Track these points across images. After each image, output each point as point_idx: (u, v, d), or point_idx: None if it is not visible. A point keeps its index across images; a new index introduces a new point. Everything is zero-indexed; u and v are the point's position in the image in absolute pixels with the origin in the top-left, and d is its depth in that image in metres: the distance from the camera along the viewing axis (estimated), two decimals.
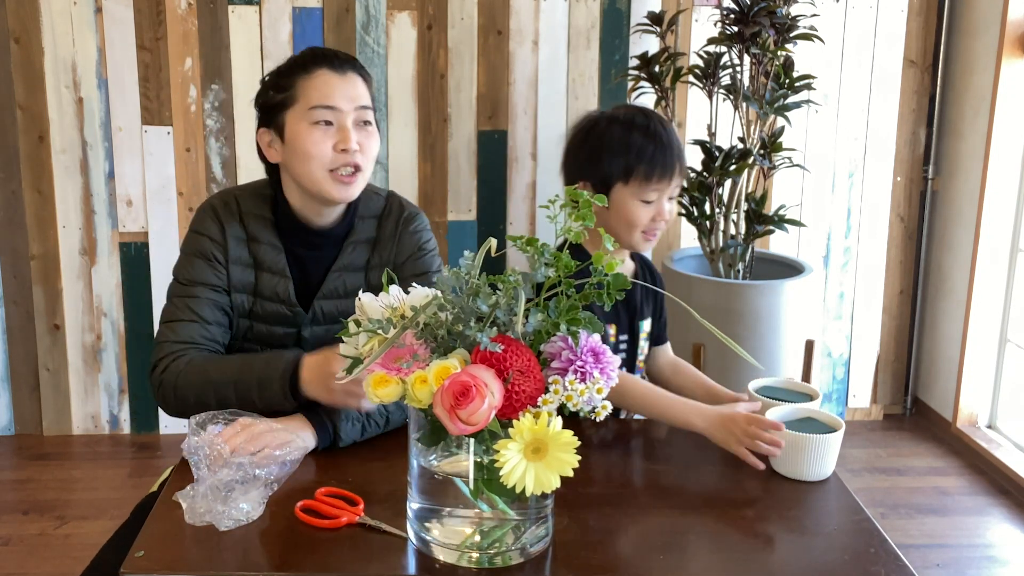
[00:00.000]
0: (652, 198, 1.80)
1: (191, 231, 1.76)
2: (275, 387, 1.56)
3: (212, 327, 1.71)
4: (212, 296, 1.71)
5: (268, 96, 1.72)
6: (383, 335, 1.19)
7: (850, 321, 3.60)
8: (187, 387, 1.62)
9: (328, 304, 1.76)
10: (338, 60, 1.71)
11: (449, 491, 1.24)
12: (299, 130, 1.67)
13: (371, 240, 1.80)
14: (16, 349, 3.34)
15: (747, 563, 1.29)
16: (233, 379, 1.59)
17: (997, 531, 2.89)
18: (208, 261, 1.72)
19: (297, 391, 1.56)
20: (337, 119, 1.68)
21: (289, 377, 1.55)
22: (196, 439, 1.38)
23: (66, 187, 3.23)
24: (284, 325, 1.76)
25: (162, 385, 1.65)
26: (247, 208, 1.76)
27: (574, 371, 1.16)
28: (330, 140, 1.67)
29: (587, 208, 1.24)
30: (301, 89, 1.68)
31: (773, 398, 1.65)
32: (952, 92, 3.48)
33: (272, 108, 1.71)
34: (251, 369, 1.59)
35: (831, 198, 3.50)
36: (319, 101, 1.67)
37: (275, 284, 1.74)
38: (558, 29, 3.28)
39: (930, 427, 3.59)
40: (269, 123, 1.73)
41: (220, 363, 1.65)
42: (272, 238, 1.75)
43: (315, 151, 1.66)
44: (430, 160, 3.32)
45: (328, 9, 3.18)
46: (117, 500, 2.93)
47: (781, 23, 2.80)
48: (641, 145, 1.80)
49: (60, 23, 3.12)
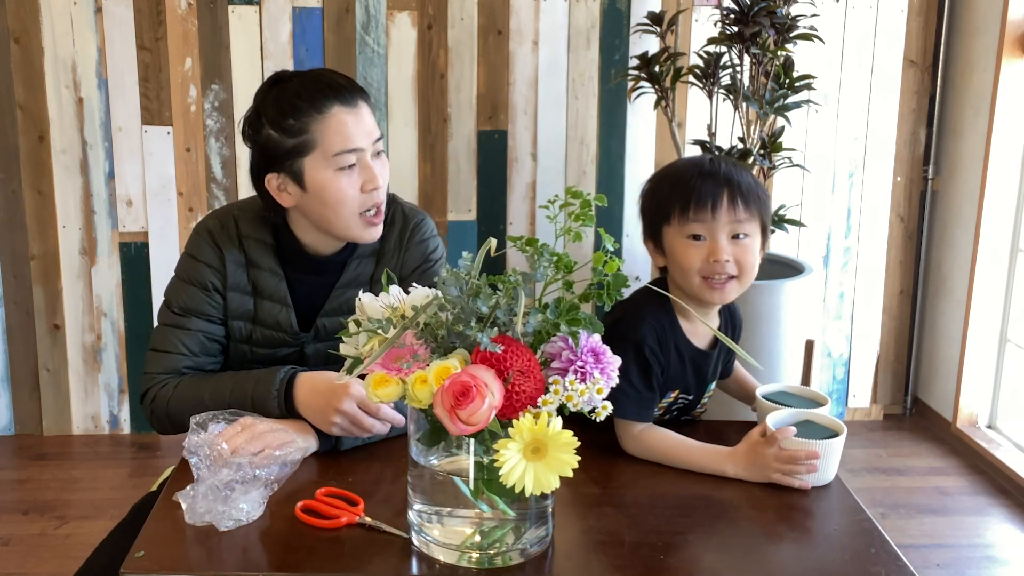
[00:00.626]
0: (698, 231, 1.59)
1: (187, 255, 1.70)
2: (271, 408, 1.54)
3: (200, 358, 1.67)
4: (204, 327, 1.67)
5: (272, 138, 1.60)
6: (383, 335, 1.19)
7: (850, 321, 3.60)
8: (180, 409, 1.59)
9: (331, 321, 1.71)
10: (347, 93, 1.60)
11: (449, 491, 1.23)
12: (324, 178, 1.59)
13: (375, 251, 1.75)
14: (16, 349, 3.34)
15: (747, 563, 1.29)
16: (227, 400, 1.56)
17: (997, 531, 2.89)
18: (205, 291, 1.67)
19: (293, 409, 1.54)
20: (359, 159, 1.61)
21: (284, 398, 1.54)
22: (196, 439, 1.38)
23: (66, 187, 3.23)
24: (285, 347, 1.73)
25: (154, 413, 1.64)
26: (247, 231, 1.69)
27: (574, 371, 1.16)
28: (356, 182, 1.61)
29: (587, 209, 1.24)
30: (318, 133, 1.57)
31: (781, 403, 1.60)
32: (952, 92, 3.48)
33: (286, 154, 1.59)
34: (242, 387, 1.57)
35: (831, 198, 3.50)
36: (342, 147, 1.58)
37: (276, 312, 1.70)
38: (558, 29, 3.28)
39: (930, 427, 3.59)
40: (279, 168, 1.61)
41: (213, 382, 1.62)
42: (273, 264, 1.70)
43: (346, 198, 1.60)
44: (430, 160, 3.32)
45: (328, 9, 3.19)
46: (117, 500, 2.92)
47: (781, 23, 2.80)
48: (684, 178, 1.62)
49: (60, 23, 3.12)
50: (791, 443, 1.46)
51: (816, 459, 1.46)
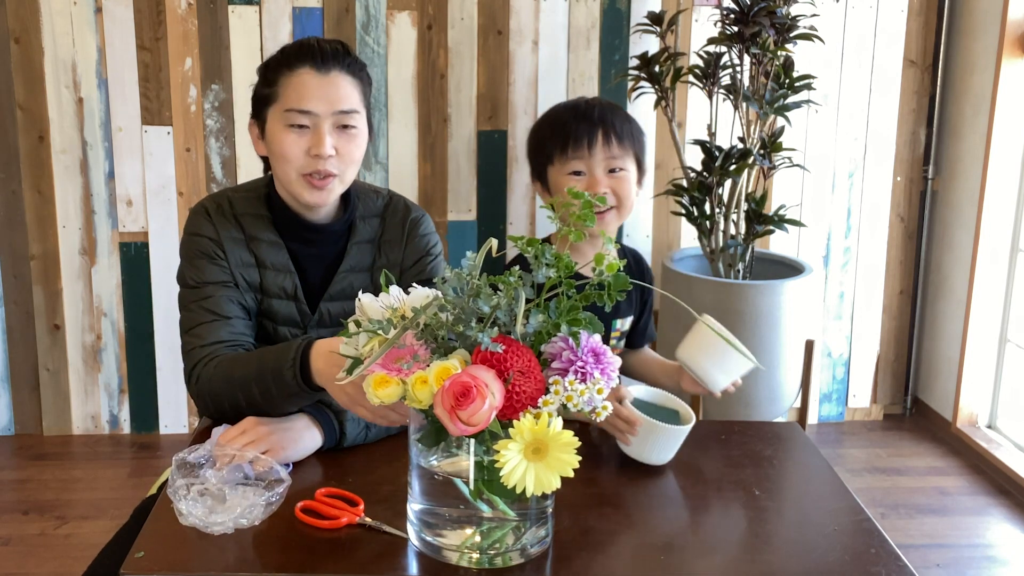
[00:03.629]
0: (578, 168, 1.79)
1: (187, 234, 1.72)
2: (287, 377, 1.47)
3: (235, 321, 1.66)
4: (225, 292, 1.67)
5: (256, 86, 1.70)
6: (383, 336, 1.19)
7: (850, 321, 3.60)
8: (218, 394, 1.57)
9: (335, 306, 1.74)
10: (323, 57, 1.64)
11: (450, 492, 1.23)
12: (275, 130, 1.65)
13: (375, 240, 1.77)
14: (16, 349, 3.34)
15: (747, 563, 1.29)
16: (253, 376, 1.52)
17: (997, 531, 2.89)
18: (212, 259, 1.68)
19: (309, 378, 1.47)
20: (313, 123, 1.63)
21: (299, 364, 1.46)
22: (180, 480, 1.35)
23: (66, 187, 3.23)
24: (291, 326, 1.73)
25: (199, 396, 1.60)
26: (242, 209, 1.72)
27: (575, 371, 1.16)
28: (304, 144, 1.63)
29: (588, 209, 1.24)
30: (282, 87, 1.64)
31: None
32: (952, 92, 3.48)
33: (259, 101, 1.69)
34: (265, 362, 1.51)
35: (831, 198, 3.50)
36: (294, 104, 1.62)
37: (281, 280, 1.71)
38: (558, 29, 3.28)
39: (930, 427, 3.59)
40: (256, 115, 1.71)
41: (241, 362, 1.57)
42: (271, 235, 1.72)
43: (288, 154, 1.63)
44: (430, 160, 3.32)
45: (328, 9, 3.18)
46: (117, 500, 2.92)
47: (781, 23, 2.80)
48: (561, 121, 1.82)
49: (60, 23, 3.12)
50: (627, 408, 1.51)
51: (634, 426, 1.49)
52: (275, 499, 1.34)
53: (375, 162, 3.29)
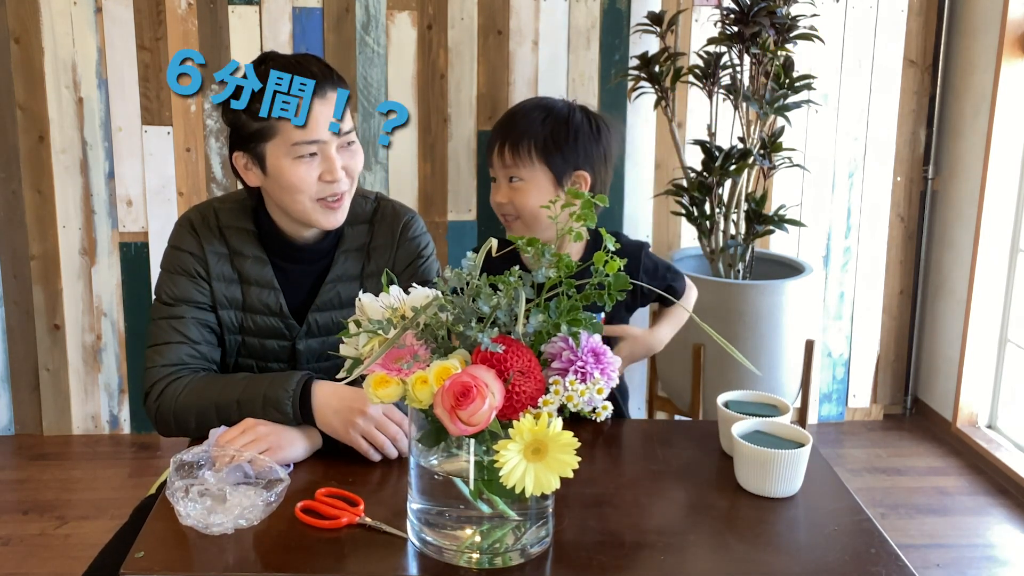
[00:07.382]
0: (492, 174, 1.84)
1: (170, 247, 1.70)
2: (284, 408, 1.51)
3: (201, 346, 1.65)
4: (197, 314, 1.66)
5: (240, 118, 1.61)
6: (383, 336, 1.19)
7: (850, 321, 3.60)
8: (187, 410, 1.57)
9: (323, 316, 1.72)
10: (319, 81, 1.58)
11: (449, 492, 1.23)
12: (282, 165, 1.59)
13: (363, 247, 1.75)
14: (16, 349, 3.34)
15: (747, 563, 1.29)
16: (236, 398, 1.54)
17: (997, 531, 2.89)
18: (191, 278, 1.67)
19: (308, 412, 1.51)
20: (320, 149, 1.60)
21: (299, 397, 1.51)
22: (178, 482, 1.35)
23: (66, 187, 3.23)
24: (277, 338, 1.72)
25: (159, 411, 1.60)
26: (227, 222, 1.70)
27: (575, 371, 1.16)
28: (315, 171, 1.60)
29: (588, 209, 1.24)
30: (281, 121, 1.57)
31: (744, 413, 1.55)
32: (952, 92, 3.48)
33: (248, 136, 1.61)
34: (257, 388, 1.54)
35: (831, 198, 3.50)
36: (302, 138, 1.57)
37: (265, 297, 1.70)
38: (558, 29, 3.28)
39: (930, 427, 3.59)
40: (244, 148, 1.63)
41: (222, 383, 1.59)
42: (256, 251, 1.70)
43: (302, 185, 1.60)
44: (430, 160, 3.32)
45: (328, 9, 3.18)
46: (117, 500, 2.92)
47: (781, 23, 2.80)
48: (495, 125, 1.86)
49: (60, 23, 3.12)
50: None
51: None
52: (275, 499, 1.33)
53: (375, 162, 3.29)
